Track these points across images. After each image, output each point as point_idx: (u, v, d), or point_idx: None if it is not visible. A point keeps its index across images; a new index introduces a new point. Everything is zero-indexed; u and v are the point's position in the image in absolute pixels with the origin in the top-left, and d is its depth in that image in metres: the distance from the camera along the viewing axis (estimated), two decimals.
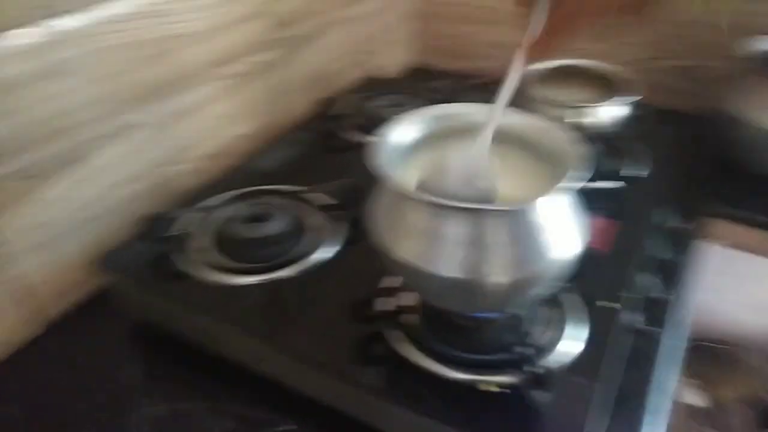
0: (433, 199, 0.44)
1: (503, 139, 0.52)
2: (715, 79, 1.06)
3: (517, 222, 0.45)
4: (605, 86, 0.83)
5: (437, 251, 0.45)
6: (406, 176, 0.52)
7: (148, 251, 0.65)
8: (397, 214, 0.48)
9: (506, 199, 0.48)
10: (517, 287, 0.46)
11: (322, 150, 0.89)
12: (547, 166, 0.51)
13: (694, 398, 1.18)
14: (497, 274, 0.45)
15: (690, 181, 0.89)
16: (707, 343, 1.26)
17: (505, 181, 0.49)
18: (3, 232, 0.60)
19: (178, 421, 0.56)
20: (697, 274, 0.74)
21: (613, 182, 0.75)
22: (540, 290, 0.49)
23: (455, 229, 0.45)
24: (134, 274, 0.63)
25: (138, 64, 0.70)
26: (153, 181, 0.76)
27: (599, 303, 0.58)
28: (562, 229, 0.47)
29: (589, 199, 0.73)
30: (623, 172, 0.74)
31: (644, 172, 0.79)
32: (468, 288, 0.46)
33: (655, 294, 0.63)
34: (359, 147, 0.86)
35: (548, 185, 0.46)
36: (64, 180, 0.65)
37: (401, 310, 0.56)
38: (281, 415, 0.56)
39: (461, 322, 0.54)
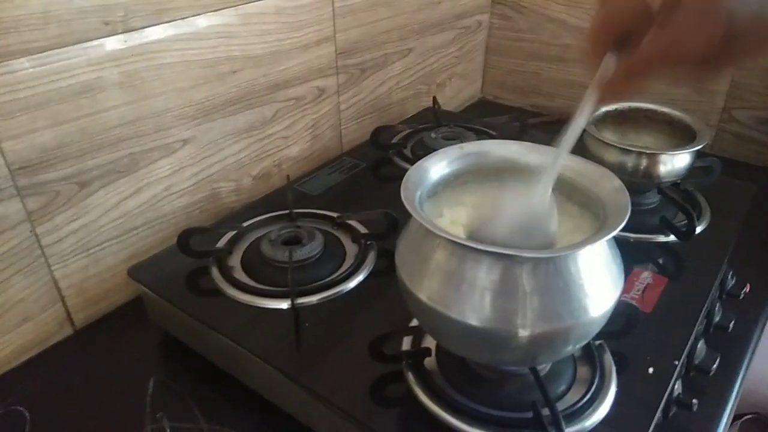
0: (462, 240, 0.42)
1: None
2: None
3: (553, 271, 0.42)
4: (673, 133, 0.78)
5: (463, 296, 0.43)
6: (440, 213, 0.51)
7: (183, 265, 0.66)
8: (424, 252, 0.45)
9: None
10: (546, 341, 0.43)
11: (373, 178, 0.88)
12: (590, 212, 0.48)
13: None
14: (526, 325, 0.42)
15: (760, 240, 0.83)
16: (767, 417, 1.15)
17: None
18: (44, 235, 0.62)
19: None
20: (759, 343, 0.68)
21: (669, 236, 0.70)
22: (571, 346, 0.45)
23: (485, 274, 0.42)
24: (166, 287, 0.63)
25: (198, 82, 0.72)
26: (197, 197, 0.77)
27: (633, 365, 0.53)
28: (599, 282, 0.43)
29: (640, 252, 0.69)
30: (681, 226, 0.68)
31: (703, 227, 0.73)
32: (493, 339, 0.43)
33: (700, 361, 0.58)
34: None
35: (589, 234, 0.43)
36: (111, 189, 0.66)
37: (423, 352, 0.53)
38: None
39: (483, 373, 0.51)
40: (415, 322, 0.56)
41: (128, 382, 0.62)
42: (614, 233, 0.41)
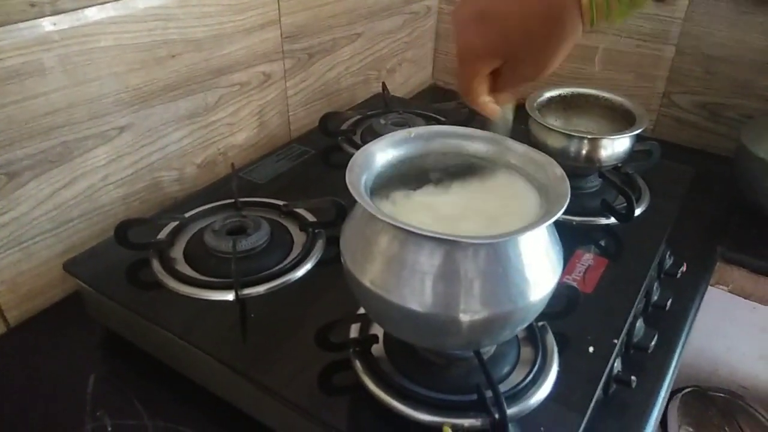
0: (406, 225, 0.42)
1: (498, 166, 0.50)
2: (739, 119, 1.03)
3: (493, 256, 0.42)
4: (615, 118, 0.80)
5: (405, 281, 0.43)
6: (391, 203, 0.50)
7: (123, 258, 0.63)
8: (367, 237, 0.45)
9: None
10: (487, 326, 0.43)
11: (322, 166, 0.87)
12: (534, 196, 0.48)
13: None
14: (466, 310, 0.42)
15: (697, 221, 0.86)
16: (706, 390, 1.21)
17: (491, 210, 0.47)
18: None
19: None
20: (695, 320, 0.70)
21: (609, 218, 0.72)
22: (511, 330, 0.46)
23: (426, 259, 0.42)
24: (105, 281, 0.61)
25: (134, 67, 0.69)
26: (138, 187, 0.75)
27: (574, 345, 0.54)
28: (538, 268, 0.44)
29: (582, 235, 0.71)
30: (621, 209, 0.70)
31: (642, 209, 0.75)
32: (434, 324, 0.43)
33: (639, 339, 0.60)
34: None
35: (534, 217, 0.43)
36: (43, 180, 0.63)
37: (370, 339, 0.53)
38: None
39: (430, 357, 0.51)
40: (362, 310, 0.56)
41: (67, 380, 0.59)
42: (552, 220, 0.42)
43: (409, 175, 0.51)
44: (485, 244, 0.42)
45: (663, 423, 1.17)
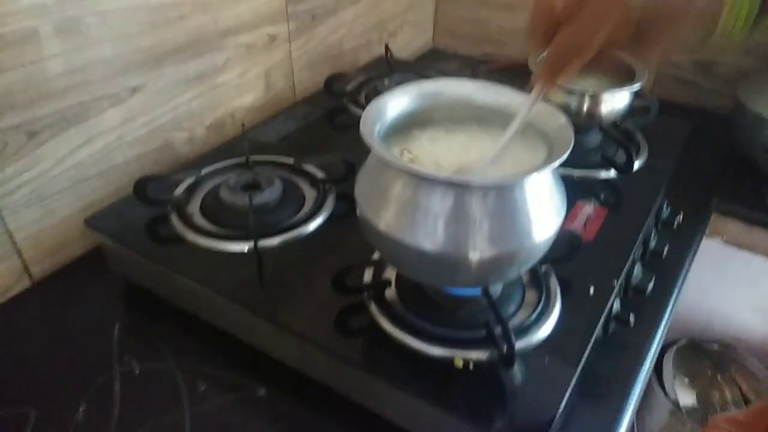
0: (417, 169, 0.44)
1: (502, 117, 0.52)
2: (735, 76, 1.05)
3: (501, 198, 0.45)
4: (616, 75, 0.81)
5: (417, 223, 0.45)
6: (397, 147, 0.53)
7: (141, 214, 0.66)
8: (382, 185, 0.47)
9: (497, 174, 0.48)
10: (495, 264, 0.46)
11: (327, 126, 0.89)
12: (541, 148, 0.50)
13: (683, 396, 1.17)
14: (475, 250, 0.45)
15: (693, 175, 0.88)
16: (700, 342, 1.25)
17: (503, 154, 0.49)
18: None
19: (150, 379, 0.57)
20: (691, 270, 0.74)
21: (609, 171, 0.74)
22: (517, 268, 0.49)
23: (437, 202, 0.44)
24: (125, 235, 0.64)
25: (147, 28, 0.70)
26: (151, 147, 0.77)
27: (576, 287, 0.57)
28: (543, 209, 0.46)
29: (583, 188, 0.73)
30: (620, 162, 0.73)
31: (641, 163, 0.78)
32: (446, 263, 0.46)
33: (637, 282, 0.63)
34: None
35: (535, 164, 0.46)
36: (61, 139, 0.65)
37: (383, 283, 0.56)
38: (253, 380, 0.57)
39: (440, 300, 0.54)
40: (376, 256, 0.59)
41: (93, 329, 0.62)
42: (557, 163, 0.44)
43: (420, 126, 0.53)
44: (493, 186, 0.44)
45: (658, 374, 1.22)
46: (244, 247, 0.62)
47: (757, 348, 1.24)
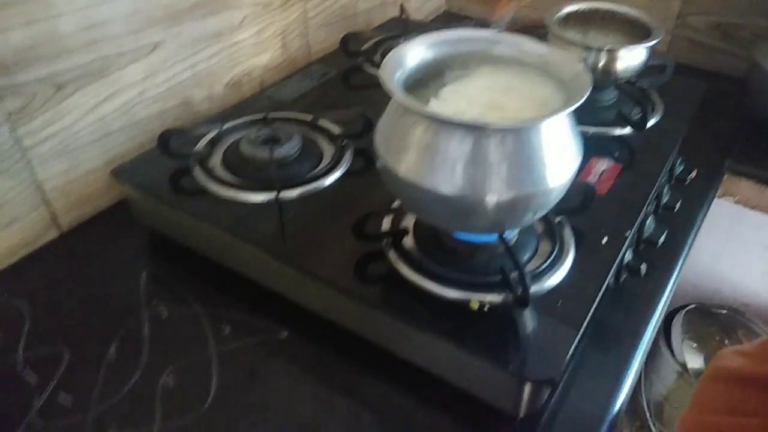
0: (437, 113, 0.46)
1: (519, 63, 0.53)
2: (751, 39, 1.04)
3: (518, 141, 0.46)
4: (632, 32, 0.82)
5: (437, 167, 0.47)
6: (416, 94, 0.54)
7: (165, 166, 0.68)
8: (401, 131, 0.49)
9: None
10: (511, 208, 0.48)
11: (343, 86, 0.90)
12: (558, 92, 0.51)
13: (691, 359, 1.19)
14: (493, 193, 0.46)
15: (707, 135, 0.89)
16: (708, 306, 1.26)
17: (516, 103, 0.50)
18: (25, 137, 0.63)
19: (177, 323, 0.60)
20: (702, 234, 0.74)
21: (624, 128, 0.75)
22: (532, 213, 0.50)
23: (456, 146, 0.46)
24: (150, 186, 0.66)
25: None
26: (171, 104, 0.78)
27: (589, 237, 0.59)
28: (559, 154, 0.48)
29: (598, 144, 0.74)
30: (635, 118, 0.73)
31: (656, 120, 0.78)
32: (464, 206, 0.47)
33: (649, 234, 0.64)
34: (379, 84, 0.87)
35: (552, 109, 0.47)
36: (86, 92, 0.67)
37: (402, 231, 0.57)
38: (275, 324, 0.59)
39: (455, 246, 0.56)
40: (395, 205, 0.60)
41: (120, 277, 0.65)
42: (573, 107, 0.45)
43: (439, 74, 0.54)
44: (511, 129, 0.45)
45: (667, 337, 1.24)
46: (265, 197, 0.63)
47: (765, 313, 1.25)
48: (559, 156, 0.48)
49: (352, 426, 0.52)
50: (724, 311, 1.27)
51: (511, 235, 0.56)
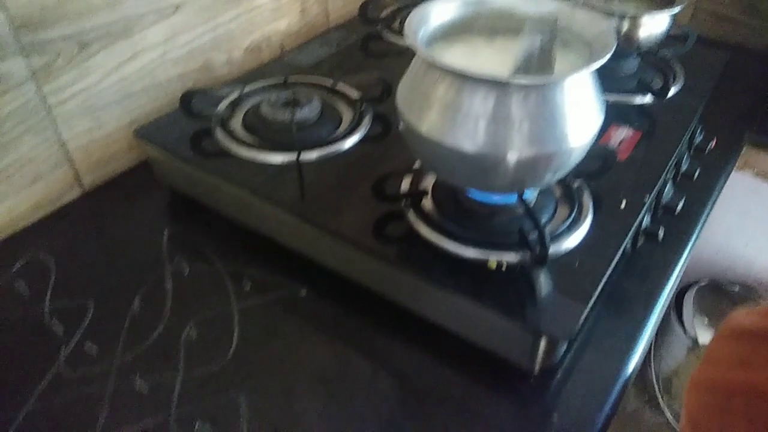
0: (461, 68, 0.46)
1: (546, 25, 0.53)
2: None
3: (541, 99, 0.46)
4: (653, 2, 0.81)
5: (459, 125, 0.47)
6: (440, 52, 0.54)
7: (187, 128, 0.68)
8: (424, 89, 0.49)
9: None
10: (532, 166, 0.48)
11: (362, 53, 0.90)
12: (583, 53, 0.51)
13: (702, 335, 1.19)
14: (514, 150, 0.46)
15: (728, 106, 0.88)
16: (721, 283, 1.26)
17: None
18: (50, 95, 0.64)
19: (199, 279, 0.61)
20: (718, 210, 0.74)
21: (645, 96, 0.75)
22: (553, 172, 0.50)
23: (479, 103, 0.46)
24: (172, 146, 0.66)
25: None
26: (192, 66, 0.79)
27: (607, 202, 0.59)
28: (581, 113, 0.48)
29: (618, 112, 0.74)
30: (656, 87, 0.73)
31: (677, 89, 0.78)
32: (485, 164, 0.48)
33: (668, 201, 0.64)
34: (397, 52, 0.87)
35: (575, 67, 0.47)
36: (109, 52, 0.68)
37: (420, 192, 0.58)
38: (295, 282, 0.60)
39: (474, 207, 0.56)
40: (416, 165, 0.61)
41: (143, 235, 0.66)
42: (599, 63, 0.45)
43: (463, 33, 0.54)
44: (534, 86, 0.46)
45: (678, 313, 1.24)
46: (285, 159, 0.64)
47: None
48: (581, 115, 0.48)
49: (369, 381, 0.53)
50: (737, 288, 1.27)
51: (531, 196, 0.56)
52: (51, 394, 0.51)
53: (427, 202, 0.58)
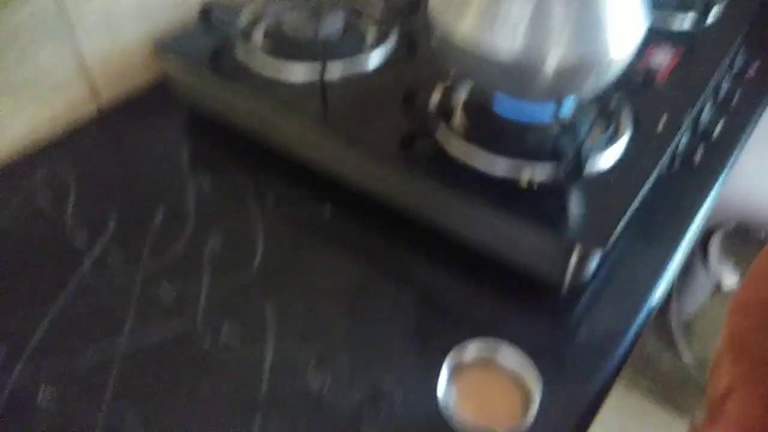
0: None
1: None
2: None
3: (583, 2, 0.43)
4: None
5: (498, 29, 0.45)
6: None
7: (207, 41, 0.66)
8: None
9: None
10: (573, 72, 0.46)
11: None
12: None
13: (727, 277, 1.18)
14: (555, 54, 0.44)
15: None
16: (748, 226, 1.24)
17: None
18: (70, 6, 0.62)
19: (221, 194, 0.60)
20: (750, 151, 0.71)
21: (687, 14, 0.71)
22: (593, 82, 0.48)
23: (519, 4, 0.43)
24: (191, 61, 0.64)
25: None
26: None
27: (645, 122, 0.56)
28: (624, 21, 0.45)
29: (658, 33, 0.70)
30: (699, 6, 0.69)
31: (719, 10, 0.74)
32: (524, 69, 0.46)
33: (706, 124, 0.62)
34: None
35: None
36: None
37: (449, 110, 0.56)
38: (318, 200, 0.60)
39: (506, 124, 0.54)
40: (443, 84, 0.58)
41: (161, 152, 0.65)
42: None
43: None
44: None
45: (704, 256, 1.22)
46: (308, 74, 0.62)
47: None
48: (623, 23, 0.46)
49: (394, 296, 0.52)
50: (764, 233, 1.24)
51: (568, 110, 0.54)
52: (76, 301, 0.51)
53: (457, 120, 0.56)
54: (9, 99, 0.62)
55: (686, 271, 1.22)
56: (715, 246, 1.21)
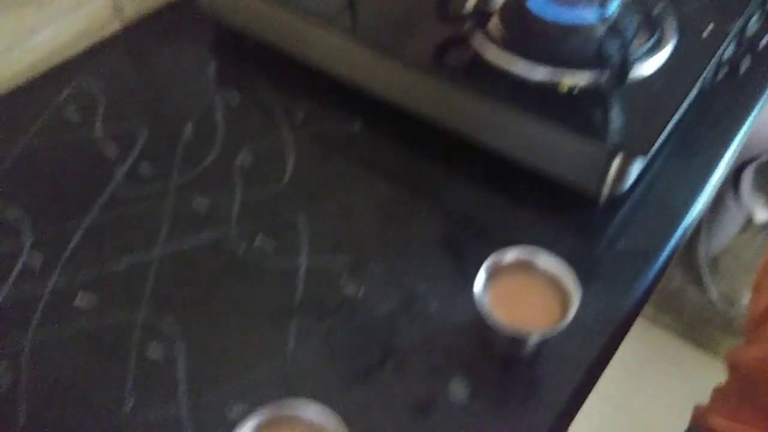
0: None
1: None
2: None
3: None
4: None
5: None
6: None
7: None
8: None
9: None
10: None
11: None
12: None
13: (759, 212, 1.15)
14: None
15: None
16: None
17: None
18: None
19: (248, 110, 0.59)
20: None
21: None
22: None
23: None
24: None
25: None
26: None
27: (689, 29, 0.54)
28: None
29: None
30: None
31: None
32: None
33: (752, 34, 0.58)
34: None
35: None
36: None
37: (488, 14, 0.53)
38: (349, 114, 0.58)
39: (547, 28, 0.52)
40: None
41: (189, 68, 0.64)
42: None
43: None
44: None
45: (736, 189, 1.19)
46: None
47: None
48: None
49: (427, 209, 0.52)
50: None
51: (612, 10, 0.51)
52: (110, 210, 0.51)
53: (494, 24, 0.54)
54: (36, 11, 0.60)
55: (716, 204, 1.20)
56: (747, 179, 1.17)
